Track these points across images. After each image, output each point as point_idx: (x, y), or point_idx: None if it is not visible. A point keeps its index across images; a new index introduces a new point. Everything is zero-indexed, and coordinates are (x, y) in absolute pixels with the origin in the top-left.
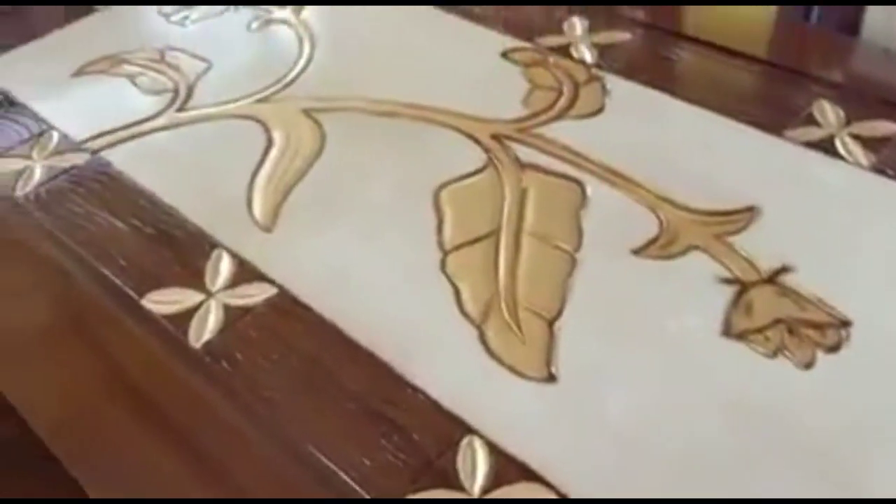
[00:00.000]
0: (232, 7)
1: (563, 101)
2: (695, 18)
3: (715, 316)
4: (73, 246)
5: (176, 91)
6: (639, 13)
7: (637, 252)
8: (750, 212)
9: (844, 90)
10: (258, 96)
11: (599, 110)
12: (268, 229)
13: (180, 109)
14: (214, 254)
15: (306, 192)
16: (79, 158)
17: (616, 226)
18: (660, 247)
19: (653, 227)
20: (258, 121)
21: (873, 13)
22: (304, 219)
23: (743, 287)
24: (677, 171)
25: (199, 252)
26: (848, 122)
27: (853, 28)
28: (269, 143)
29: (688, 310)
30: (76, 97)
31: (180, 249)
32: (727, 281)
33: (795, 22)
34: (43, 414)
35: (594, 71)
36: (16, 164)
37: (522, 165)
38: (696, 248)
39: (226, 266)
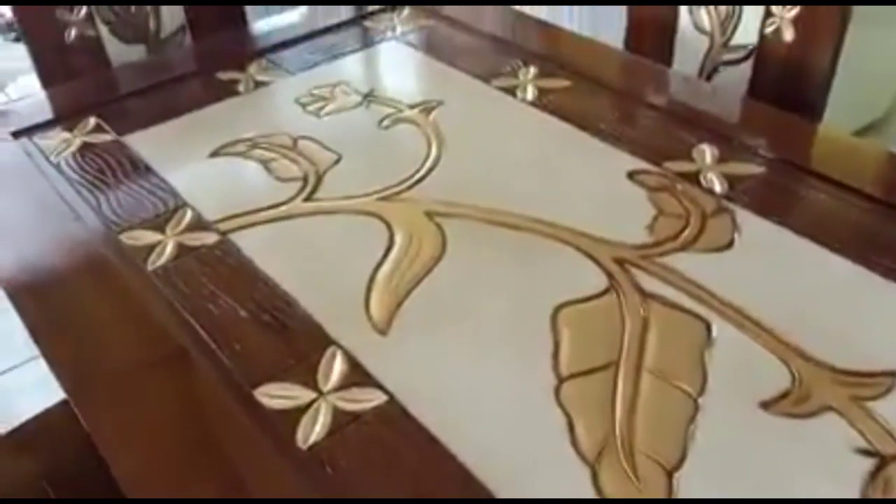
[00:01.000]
0: (365, 103)
1: (689, 232)
2: (824, 154)
3: (849, 488)
4: (194, 325)
5: (305, 180)
6: (762, 141)
7: (766, 406)
8: (891, 376)
9: None
10: (383, 194)
11: (728, 245)
12: (383, 332)
13: (308, 199)
14: (329, 351)
15: (424, 298)
16: (208, 238)
17: (743, 373)
18: (791, 402)
19: (783, 379)
20: (381, 219)
21: None
22: (419, 325)
23: (882, 461)
24: (812, 321)
25: (313, 347)
26: None
27: None
28: (391, 243)
29: (820, 478)
30: (212, 177)
31: (296, 342)
32: (864, 451)
33: None
34: (146, 489)
35: (723, 203)
36: (151, 237)
37: (644, 294)
38: (831, 409)
39: (338, 366)
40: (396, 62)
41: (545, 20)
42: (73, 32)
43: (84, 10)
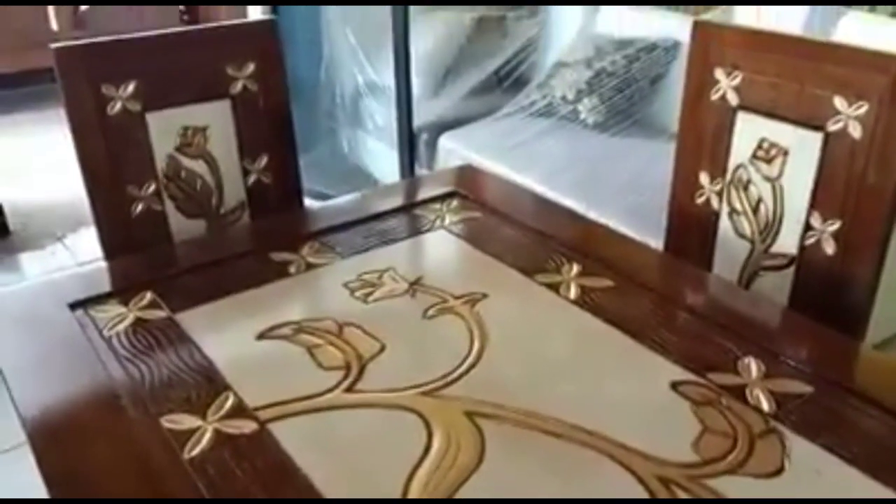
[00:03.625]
0: (411, 290)
1: (737, 453)
2: (872, 377)
3: None
4: None
5: (348, 369)
6: (808, 358)
7: None
8: None
9: None
10: (424, 388)
11: (778, 472)
12: None
13: (349, 389)
14: None
15: None
16: (247, 427)
17: None
18: None
19: None
20: (421, 416)
21: None
22: None
23: None
24: None
25: None
26: None
27: None
28: (429, 443)
29: None
30: (256, 360)
31: None
32: None
33: None
34: None
35: (772, 423)
36: (190, 422)
37: None
38: None
39: None
40: (444, 251)
41: (588, 216)
42: (140, 207)
43: (153, 186)
